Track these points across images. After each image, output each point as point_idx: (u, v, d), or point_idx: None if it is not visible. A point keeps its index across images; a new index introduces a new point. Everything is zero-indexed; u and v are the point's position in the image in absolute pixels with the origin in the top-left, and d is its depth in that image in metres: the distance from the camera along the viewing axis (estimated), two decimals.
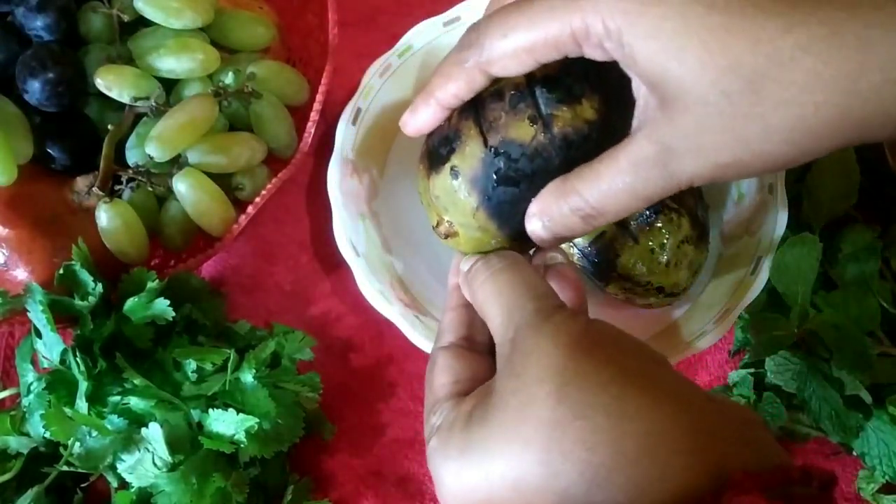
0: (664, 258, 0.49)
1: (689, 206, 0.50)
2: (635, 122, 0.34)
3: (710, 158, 0.32)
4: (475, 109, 0.37)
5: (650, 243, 0.48)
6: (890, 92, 0.29)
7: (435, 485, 0.34)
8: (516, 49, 0.34)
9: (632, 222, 0.48)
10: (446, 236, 0.39)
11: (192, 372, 0.48)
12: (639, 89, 0.34)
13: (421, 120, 0.39)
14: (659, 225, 0.48)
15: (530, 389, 0.30)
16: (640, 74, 0.32)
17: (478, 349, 0.38)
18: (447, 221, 0.38)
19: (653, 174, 0.33)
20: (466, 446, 0.32)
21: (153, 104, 0.52)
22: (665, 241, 0.48)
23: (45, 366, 0.49)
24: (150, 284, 0.48)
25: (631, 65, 0.32)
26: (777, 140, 0.31)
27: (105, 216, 0.51)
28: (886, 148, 0.37)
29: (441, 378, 0.36)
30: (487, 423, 0.31)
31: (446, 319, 0.39)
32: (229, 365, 0.48)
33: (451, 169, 0.37)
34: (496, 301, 0.35)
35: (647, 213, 0.48)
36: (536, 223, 0.36)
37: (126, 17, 0.53)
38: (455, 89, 0.36)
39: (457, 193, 0.37)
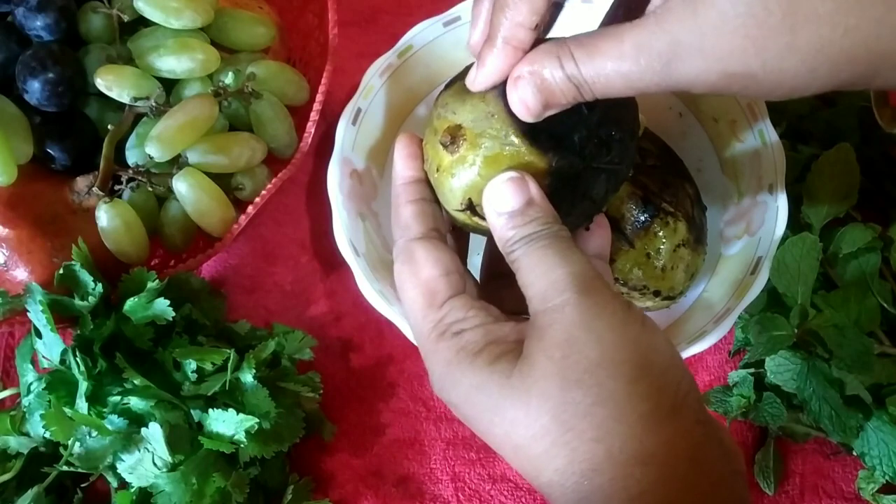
0: (660, 263, 0.49)
1: (686, 209, 0.50)
2: (650, 7, 0.32)
3: (720, 64, 0.30)
4: None
5: (646, 248, 0.48)
6: None
7: (436, 373, 0.34)
8: None
9: (627, 227, 0.48)
10: (452, 141, 0.36)
11: (192, 372, 0.48)
12: None
13: (490, 68, 0.34)
14: (655, 229, 0.48)
15: (563, 385, 0.31)
16: None
17: (447, 243, 0.37)
18: (454, 126, 0.36)
19: (653, 67, 0.31)
20: (482, 386, 0.32)
21: (153, 104, 0.52)
22: (661, 245, 0.48)
23: (45, 366, 0.49)
24: (150, 284, 0.49)
25: None
26: (796, 59, 0.29)
27: (105, 216, 0.51)
28: (873, 100, 0.36)
29: (428, 270, 0.35)
30: (512, 388, 0.31)
31: (408, 212, 0.37)
32: (229, 365, 0.48)
33: (464, 71, 0.37)
34: (542, 265, 0.33)
35: (643, 217, 0.48)
36: (526, 85, 0.33)
37: (126, 17, 0.53)
38: (518, 16, 0.33)
39: (465, 87, 0.36)
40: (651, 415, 0.30)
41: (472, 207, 0.36)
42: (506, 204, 0.34)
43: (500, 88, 0.35)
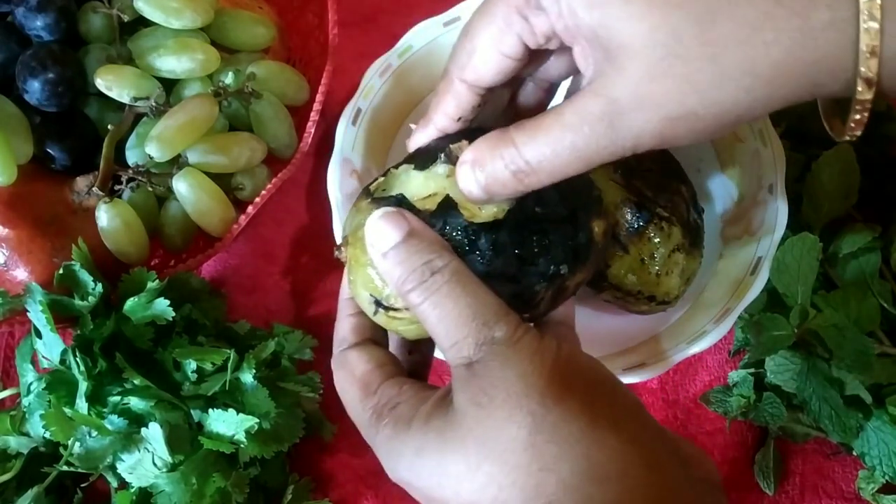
0: (655, 268, 0.48)
1: (681, 213, 0.50)
2: (583, 83, 0.33)
3: (660, 111, 0.30)
4: None
5: (640, 253, 0.48)
6: (837, 33, 0.28)
7: (383, 456, 0.34)
8: (482, 48, 0.34)
9: (622, 232, 0.48)
10: (339, 249, 0.38)
11: (192, 372, 0.48)
12: (584, 55, 0.33)
13: (417, 142, 0.39)
14: (650, 234, 0.48)
15: (497, 425, 0.30)
16: (582, 30, 0.31)
17: (384, 346, 0.38)
18: (344, 237, 0.38)
19: (597, 131, 0.31)
20: (421, 449, 0.31)
21: (153, 104, 0.52)
22: (656, 250, 0.48)
23: (45, 366, 0.49)
24: (150, 284, 0.48)
25: (571, 25, 0.31)
26: (729, 85, 0.30)
27: (105, 216, 0.51)
28: (821, 111, 0.36)
29: (362, 367, 0.35)
30: (446, 442, 0.31)
31: (344, 326, 0.38)
32: (229, 365, 0.48)
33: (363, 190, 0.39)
34: (450, 316, 0.32)
35: (638, 223, 0.48)
36: (468, 173, 0.34)
37: (126, 17, 0.53)
38: (444, 108, 0.37)
39: (355, 204, 0.38)
40: (591, 429, 0.30)
41: (379, 304, 0.36)
42: (386, 240, 0.33)
43: (370, 201, 0.36)
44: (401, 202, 0.35)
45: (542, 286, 0.35)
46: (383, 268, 0.34)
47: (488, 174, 0.33)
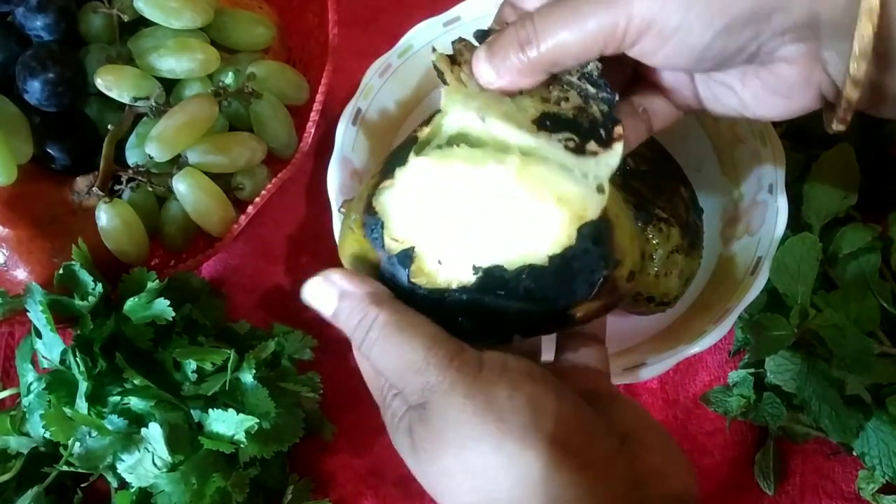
0: (654, 269, 0.48)
1: (680, 214, 0.50)
2: None
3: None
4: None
5: None
6: None
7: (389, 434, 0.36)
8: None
9: None
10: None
11: (192, 372, 0.48)
12: None
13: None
14: (648, 235, 0.48)
15: (443, 471, 0.32)
16: None
17: None
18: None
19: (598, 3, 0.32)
20: (401, 452, 0.34)
21: (153, 104, 0.52)
22: (654, 251, 0.48)
23: (45, 366, 0.49)
24: (150, 284, 0.48)
25: None
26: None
27: (105, 216, 0.51)
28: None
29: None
30: (415, 461, 0.33)
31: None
32: (229, 365, 0.48)
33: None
34: (389, 369, 0.33)
35: (638, 224, 0.48)
36: (482, 50, 0.35)
37: (126, 17, 0.53)
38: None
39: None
40: (527, 472, 0.30)
41: None
42: (327, 306, 0.35)
43: (365, 205, 0.35)
44: (375, 229, 0.35)
45: (479, 344, 0.34)
46: (338, 327, 0.35)
47: (498, 44, 0.34)
